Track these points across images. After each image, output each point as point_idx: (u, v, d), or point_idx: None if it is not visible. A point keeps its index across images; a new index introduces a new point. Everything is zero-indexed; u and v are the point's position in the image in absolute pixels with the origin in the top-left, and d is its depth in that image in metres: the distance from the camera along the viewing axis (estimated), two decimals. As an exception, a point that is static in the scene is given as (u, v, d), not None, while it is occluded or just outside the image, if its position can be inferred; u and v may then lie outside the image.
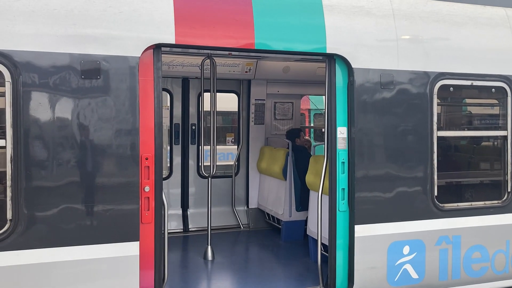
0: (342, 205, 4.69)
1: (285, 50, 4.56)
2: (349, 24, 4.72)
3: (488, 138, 5.64)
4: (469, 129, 5.61)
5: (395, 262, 4.81)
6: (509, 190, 5.27)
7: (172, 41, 4.16)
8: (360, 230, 4.69)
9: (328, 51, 4.62)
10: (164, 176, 5.64)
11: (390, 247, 4.80)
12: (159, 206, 4.15)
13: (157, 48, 4.12)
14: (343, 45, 4.66)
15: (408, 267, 4.87)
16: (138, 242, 4.00)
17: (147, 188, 4.07)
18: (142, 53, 4.01)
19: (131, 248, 3.99)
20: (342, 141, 4.68)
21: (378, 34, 4.81)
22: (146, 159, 4.08)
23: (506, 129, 5.29)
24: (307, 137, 10.34)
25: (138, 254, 4.01)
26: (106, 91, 3.91)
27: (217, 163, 6.49)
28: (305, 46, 4.59)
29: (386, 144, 4.79)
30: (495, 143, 5.47)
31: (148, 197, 4.09)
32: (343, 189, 4.68)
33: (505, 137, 5.29)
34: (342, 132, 4.69)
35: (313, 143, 11.22)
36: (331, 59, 4.67)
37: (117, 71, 3.93)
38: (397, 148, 4.82)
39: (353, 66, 4.67)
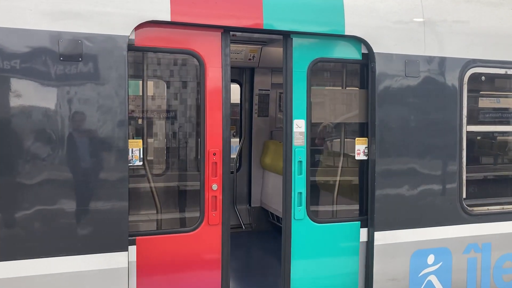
0: (298, 212, 4.01)
1: (297, 31, 3.98)
2: (371, 3, 4.14)
3: None
4: (501, 123, 5.04)
5: (418, 273, 4.27)
6: (544, 191, 4.73)
7: (167, 19, 3.59)
8: (380, 238, 4.14)
9: (346, 33, 4.04)
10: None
11: (413, 256, 4.26)
12: (227, 206, 3.81)
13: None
14: (364, 27, 4.08)
15: (433, 278, 4.33)
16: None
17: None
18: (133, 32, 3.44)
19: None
20: (299, 136, 3.99)
21: (402, 14, 4.24)
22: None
23: (543, 124, 4.73)
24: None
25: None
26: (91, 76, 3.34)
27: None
28: (320, 28, 4.01)
29: (412, 140, 4.22)
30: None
31: (216, 196, 3.74)
32: (300, 193, 4.00)
33: (542, 133, 4.73)
34: (299, 126, 4.00)
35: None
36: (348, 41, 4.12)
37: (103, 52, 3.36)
38: (423, 144, 4.26)
39: (374, 51, 4.10)
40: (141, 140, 3.74)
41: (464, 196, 4.41)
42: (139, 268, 3.62)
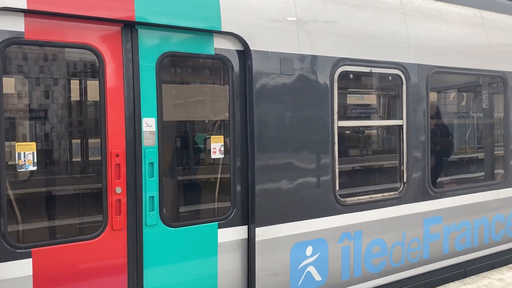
0: (150, 218, 3.74)
1: (172, 25, 3.80)
2: (247, 0, 4.13)
3: (388, 128, 5.50)
4: (367, 119, 5.41)
5: (298, 265, 4.40)
6: (404, 180, 5.17)
7: (24, 6, 3.18)
8: (261, 234, 4.16)
9: (223, 30, 3.97)
10: None
11: (293, 249, 4.37)
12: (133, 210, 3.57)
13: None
14: (239, 23, 4.06)
15: (312, 269, 4.50)
16: None
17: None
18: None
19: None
20: (150, 136, 3.73)
21: (277, 12, 4.30)
22: None
23: (401, 118, 5.17)
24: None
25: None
26: None
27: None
28: (196, 23, 3.89)
29: (288, 137, 4.31)
30: (394, 133, 5.34)
31: (120, 200, 3.53)
32: (152, 197, 3.76)
33: (401, 127, 5.17)
34: (148, 125, 3.75)
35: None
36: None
37: None
38: (298, 139, 4.37)
39: (251, 48, 4.09)
40: (34, 143, 3.32)
41: (337, 188, 4.64)
42: (37, 282, 3.26)
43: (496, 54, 6.08)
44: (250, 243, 4.17)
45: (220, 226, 4.06)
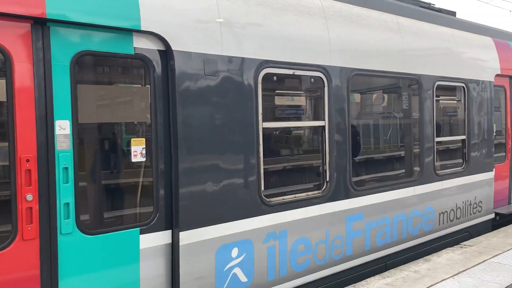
0: (65, 226, 3.53)
1: (87, 23, 3.62)
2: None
3: (312, 128, 5.62)
4: (292, 120, 5.50)
5: (224, 268, 4.37)
6: (327, 179, 5.32)
7: None
8: (185, 237, 4.09)
9: (143, 29, 3.85)
10: None
11: (218, 252, 4.33)
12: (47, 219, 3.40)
13: None
14: (161, 23, 3.96)
15: (238, 271, 4.49)
16: None
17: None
18: None
19: None
20: (64, 140, 3.53)
21: (200, 13, 4.25)
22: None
23: (323, 119, 5.31)
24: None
25: None
26: None
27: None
28: (114, 21, 3.73)
29: (212, 139, 4.27)
30: (317, 133, 5.47)
31: (31, 208, 3.36)
32: (67, 204, 3.54)
33: (323, 127, 5.31)
34: (62, 127, 3.53)
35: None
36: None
37: None
38: (223, 141, 4.35)
39: (173, 49, 4.01)
40: None
41: (263, 188, 4.68)
42: None
43: (411, 58, 6.43)
44: (174, 248, 4.08)
45: (142, 232, 3.93)
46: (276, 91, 5.44)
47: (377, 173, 6.48)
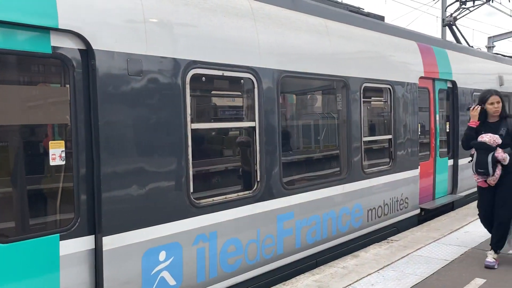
0: None
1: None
2: (88, -4, 3.90)
3: (242, 129, 5.64)
4: (222, 121, 5.49)
5: (151, 272, 4.29)
6: (258, 179, 5.37)
7: None
8: (109, 242, 3.97)
9: (60, 27, 3.70)
10: None
11: (145, 256, 4.25)
12: None
13: None
14: (80, 21, 3.81)
15: (166, 274, 4.42)
16: None
17: None
18: None
19: None
20: None
21: (123, 12, 4.14)
22: None
23: (254, 120, 5.35)
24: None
25: None
26: None
27: None
28: (28, 18, 3.55)
29: (138, 141, 4.18)
30: (248, 134, 5.50)
31: None
32: None
33: (254, 128, 5.35)
34: None
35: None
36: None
37: None
38: (149, 143, 4.27)
39: (94, 48, 3.88)
40: None
41: (192, 190, 4.64)
42: None
43: (339, 60, 6.64)
44: (97, 254, 3.96)
45: (62, 238, 3.77)
46: (206, 92, 5.42)
47: (307, 172, 6.63)
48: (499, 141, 5.49)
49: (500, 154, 5.46)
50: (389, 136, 7.83)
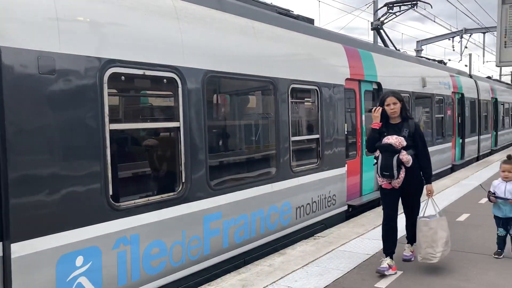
0: None
1: None
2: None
3: (166, 130, 5.55)
4: (144, 121, 5.38)
5: (66, 278, 4.13)
6: (183, 180, 5.33)
7: None
8: (18, 250, 3.78)
9: None
10: None
11: (60, 262, 4.08)
12: None
13: None
14: None
15: (83, 280, 4.28)
16: None
17: None
18: None
19: None
20: None
21: (33, 8, 3.96)
22: None
23: (178, 121, 5.30)
24: None
25: None
26: None
27: None
28: None
29: (50, 142, 4.00)
30: (172, 134, 5.43)
31: None
32: None
33: (178, 128, 5.30)
34: None
35: None
36: None
37: None
38: (64, 145, 4.11)
39: (0, 44, 3.68)
40: None
41: (111, 192, 4.52)
42: None
43: (266, 61, 6.73)
44: (5, 261, 3.75)
45: None
46: (127, 92, 5.29)
47: (235, 172, 6.66)
48: (404, 143, 5.42)
49: (405, 156, 5.38)
50: (317, 136, 8.04)
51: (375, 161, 5.67)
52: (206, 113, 5.60)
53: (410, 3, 14.83)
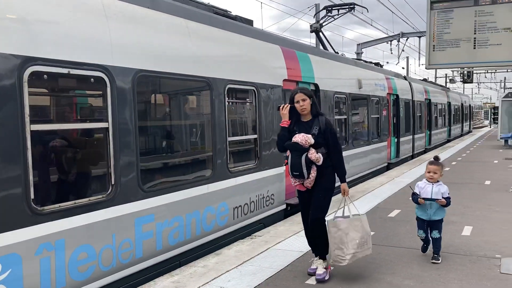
0: None
1: None
2: None
3: (94, 130, 5.37)
4: (70, 122, 5.19)
5: (-19, 289, 3.91)
6: (113, 183, 5.19)
7: None
8: None
9: None
10: None
11: (-26, 271, 3.86)
12: None
13: None
14: None
15: (1, 289, 4.06)
16: None
17: None
18: None
19: None
20: None
21: None
22: None
23: (107, 121, 5.16)
24: None
25: None
26: None
27: None
28: None
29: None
30: (100, 135, 5.27)
31: None
32: None
33: (107, 129, 5.16)
34: None
35: None
36: None
37: None
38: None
39: None
40: None
41: (33, 196, 4.32)
42: None
43: (201, 61, 6.68)
44: None
45: None
46: (51, 91, 5.08)
47: (169, 173, 6.57)
48: (312, 141, 5.14)
49: (313, 154, 5.10)
50: (255, 136, 8.10)
51: (286, 161, 5.36)
52: (136, 114, 5.49)
53: (347, 7, 15.29)
